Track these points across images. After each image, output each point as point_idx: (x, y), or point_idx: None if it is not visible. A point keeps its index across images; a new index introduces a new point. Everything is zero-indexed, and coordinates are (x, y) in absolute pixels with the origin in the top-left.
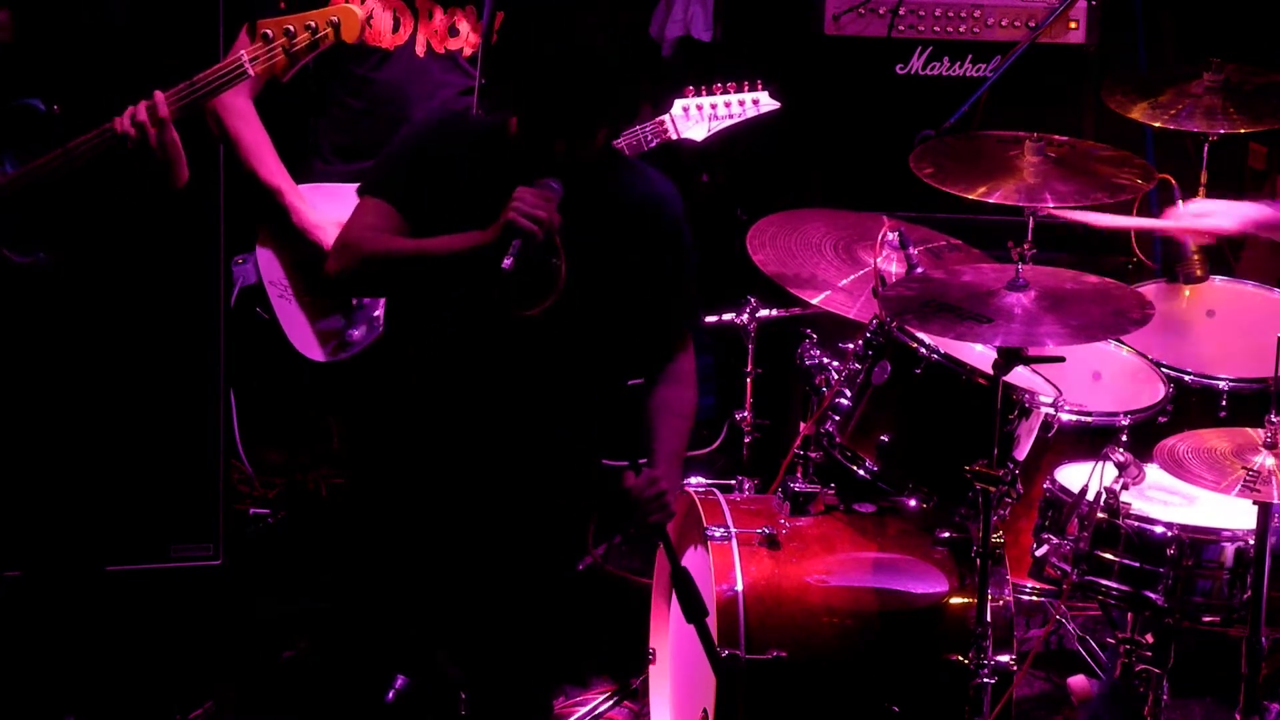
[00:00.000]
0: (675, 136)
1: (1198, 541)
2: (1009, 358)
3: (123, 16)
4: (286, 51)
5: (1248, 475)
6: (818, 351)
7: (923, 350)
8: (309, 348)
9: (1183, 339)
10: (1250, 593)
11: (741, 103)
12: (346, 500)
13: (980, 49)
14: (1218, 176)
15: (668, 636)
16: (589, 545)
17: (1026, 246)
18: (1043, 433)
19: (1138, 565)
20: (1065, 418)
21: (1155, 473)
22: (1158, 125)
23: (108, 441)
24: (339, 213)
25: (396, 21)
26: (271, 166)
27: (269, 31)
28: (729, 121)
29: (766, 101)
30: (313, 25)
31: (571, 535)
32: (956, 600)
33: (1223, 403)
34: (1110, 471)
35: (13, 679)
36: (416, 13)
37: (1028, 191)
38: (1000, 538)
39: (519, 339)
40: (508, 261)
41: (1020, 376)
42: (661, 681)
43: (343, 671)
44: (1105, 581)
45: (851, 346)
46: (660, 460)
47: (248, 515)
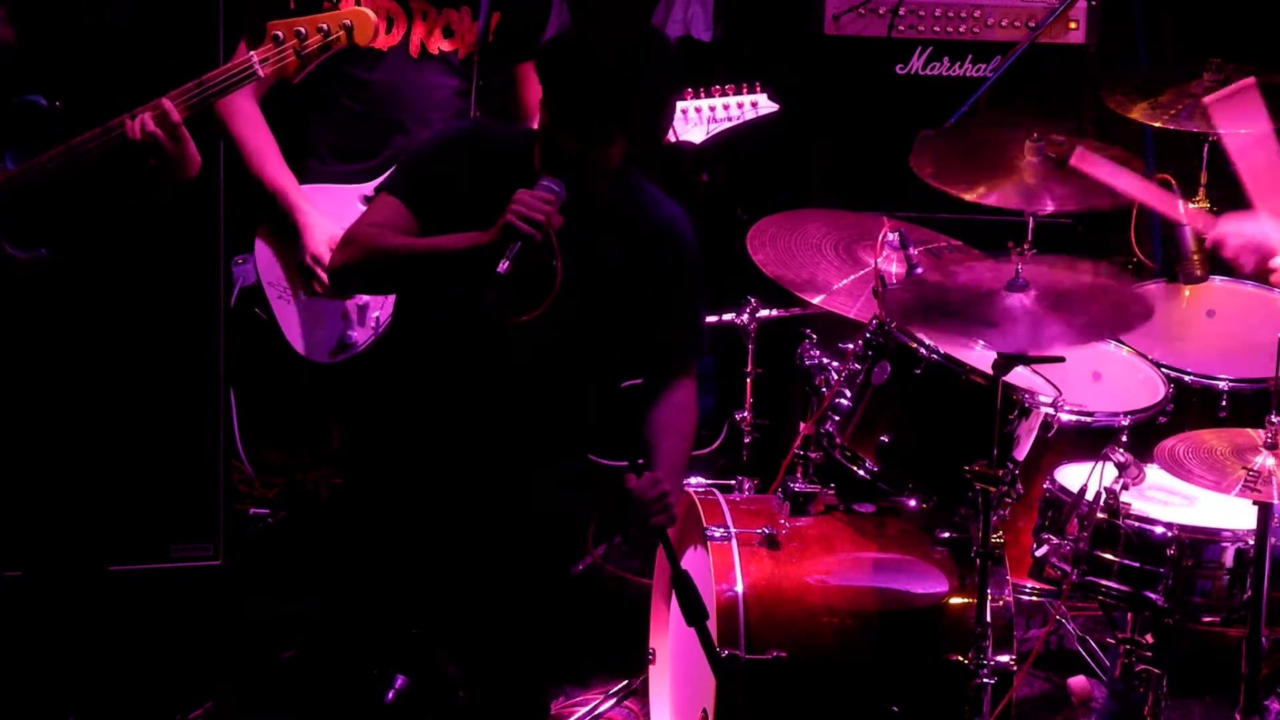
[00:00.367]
0: (674, 139)
1: (1198, 542)
2: (1009, 358)
3: (124, 14)
4: (298, 53)
5: (1248, 475)
6: (818, 351)
7: (923, 350)
8: (309, 349)
9: (1183, 339)
10: (1250, 593)
11: (740, 105)
12: (345, 499)
13: (980, 49)
14: (1218, 176)
15: (668, 636)
16: (589, 545)
17: (1026, 246)
18: (1043, 433)
19: (1138, 565)
20: (1065, 418)
21: (1155, 473)
22: (1157, 125)
23: (108, 441)
24: (340, 214)
25: (390, 22)
26: (276, 168)
27: (280, 33)
28: (728, 124)
29: (765, 104)
30: (325, 28)
31: (569, 536)
32: (956, 600)
33: (1223, 403)
34: (1110, 471)
35: (13, 679)
36: (410, 13)
37: (1026, 193)
38: (1000, 538)
39: (512, 343)
40: (503, 265)
41: (1020, 376)
42: (661, 681)
43: (342, 671)
44: (1105, 582)
45: (851, 346)
46: (660, 466)
47: (248, 515)
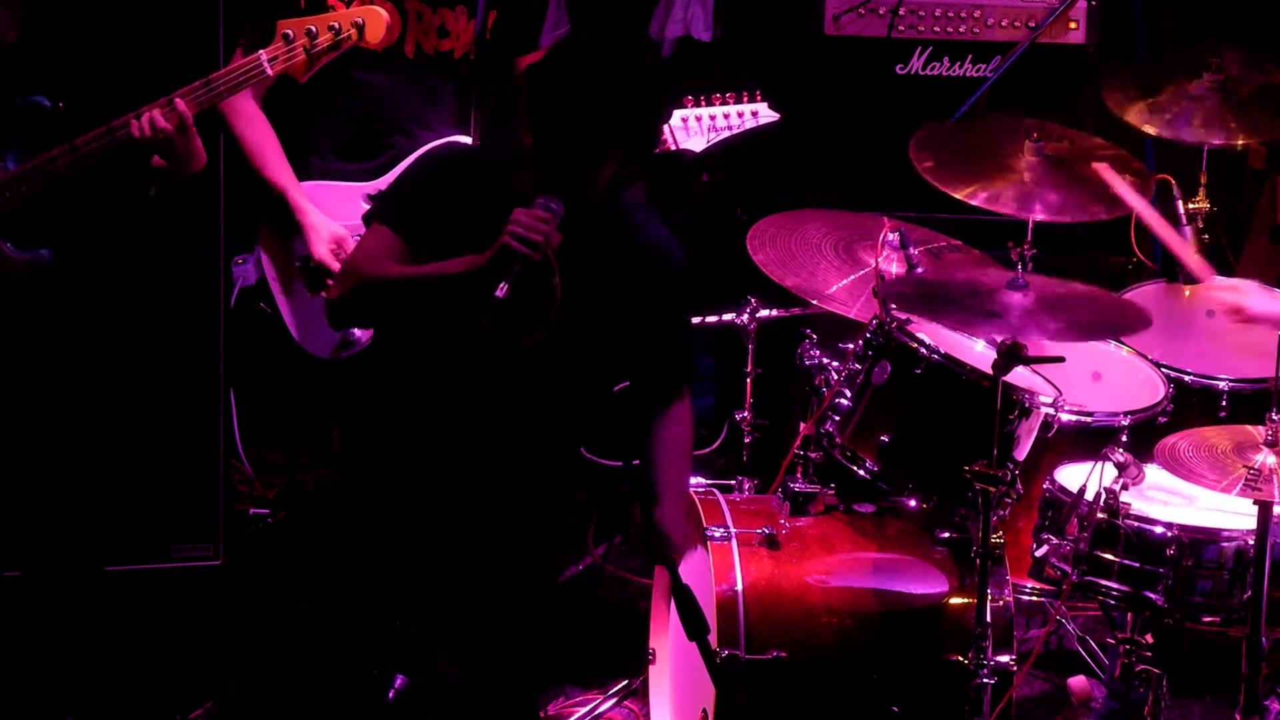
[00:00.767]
0: (674, 148)
1: (1198, 541)
2: (1009, 358)
3: (125, 15)
4: (307, 52)
5: (1248, 474)
6: (818, 351)
7: (923, 350)
8: (313, 345)
9: (1183, 339)
10: (1250, 593)
11: (740, 114)
12: (344, 499)
13: (980, 49)
14: (1217, 177)
15: (668, 636)
16: (589, 545)
17: (1026, 246)
18: (1043, 433)
19: (1138, 565)
20: (1065, 418)
21: (1155, 473)
22: (1153, 132)
23: (108, 441)
24: (343, 211)
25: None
26: (277, 167)
27: (290, 31)
28: (728, 133)
29: (766, 113)
30: (336, 26)
31: (564, 537)
32: (956, 600)
33: (1223, 403)
34: (1110, 471)
35: (13, 679)
36: (405, 14)
37: (1020, 197)
38: (1000, 538)
39: (511, 366)
40: (501, 289)
41: (1020, 376)
42: (661, 681)
43: (342, 671)
44: (1105, 582)
45: (851, 346)
46: (666, 494)
47: (248, 515)
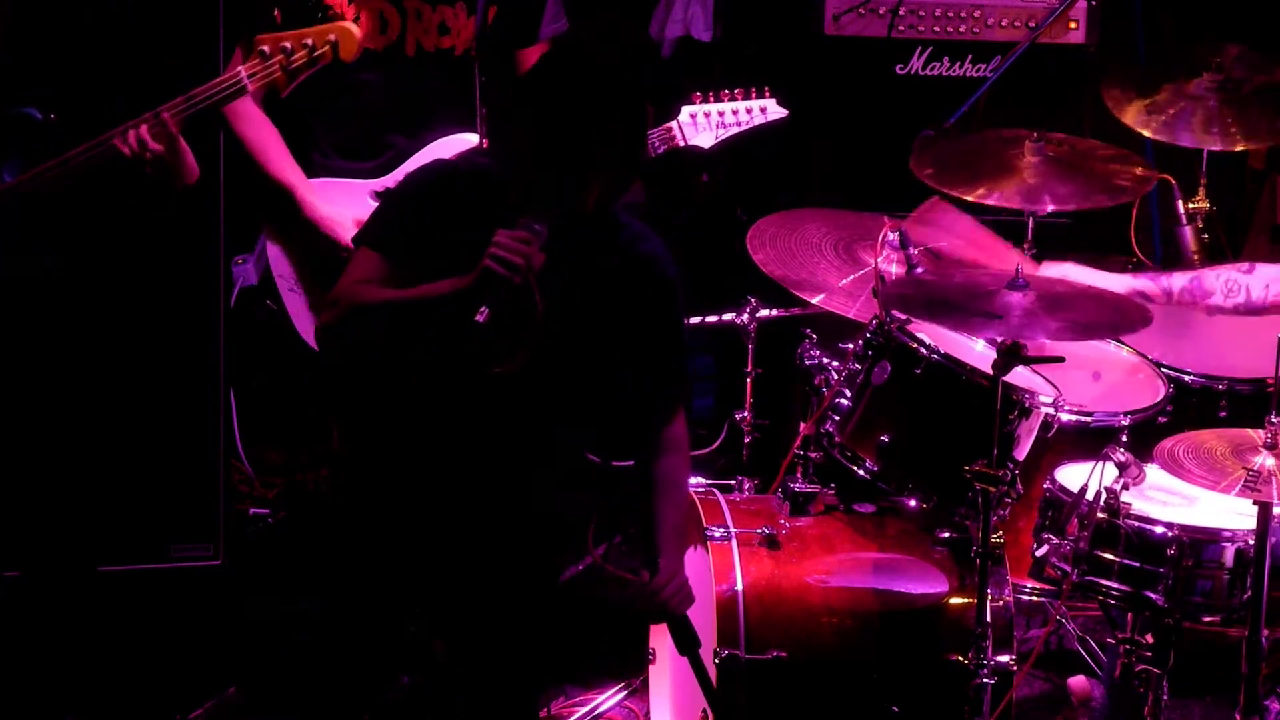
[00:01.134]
0: (683, 143)
1: (1198, 541)
2: (1009, 358)
3: (125, 15)
4: (284, 69)
5: (1248, 475)
6: (818, 351)
7: (923, 350)
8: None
9: (1183, 339)
10: (1250, 593)
11: (749, 110)
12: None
13: (980, 49)
14: (1217, 176)
15: (667, 636)
16: (589, 545)
17: (1026, 246)
18: (1043, 433)
19: (1138, 565)
20: (1065, 418)
21: (1155, 473)
22: (1150, 132)
23: (108, 441)
24: (349, 206)
25: (384, 22)
26: (281, 163)
27: (266, 48)
28: (736, 130)
29: (774, 109)
30: (310, 44)
31: (565, 538)
32: (956, 600)
33: (1222, 403)
34: (1110, 471)
35: (12, 679)
36: (405, 12)
37: (1027, 192)
38: (1000, 538)
39: (500, 383)
40: (481, 314)
41: (1020, 376)
42: (661, 681)
43: (342, 671)
44: (1105, 581)
45: (851, 346)
46: (665, 544)
47: (248, 515)
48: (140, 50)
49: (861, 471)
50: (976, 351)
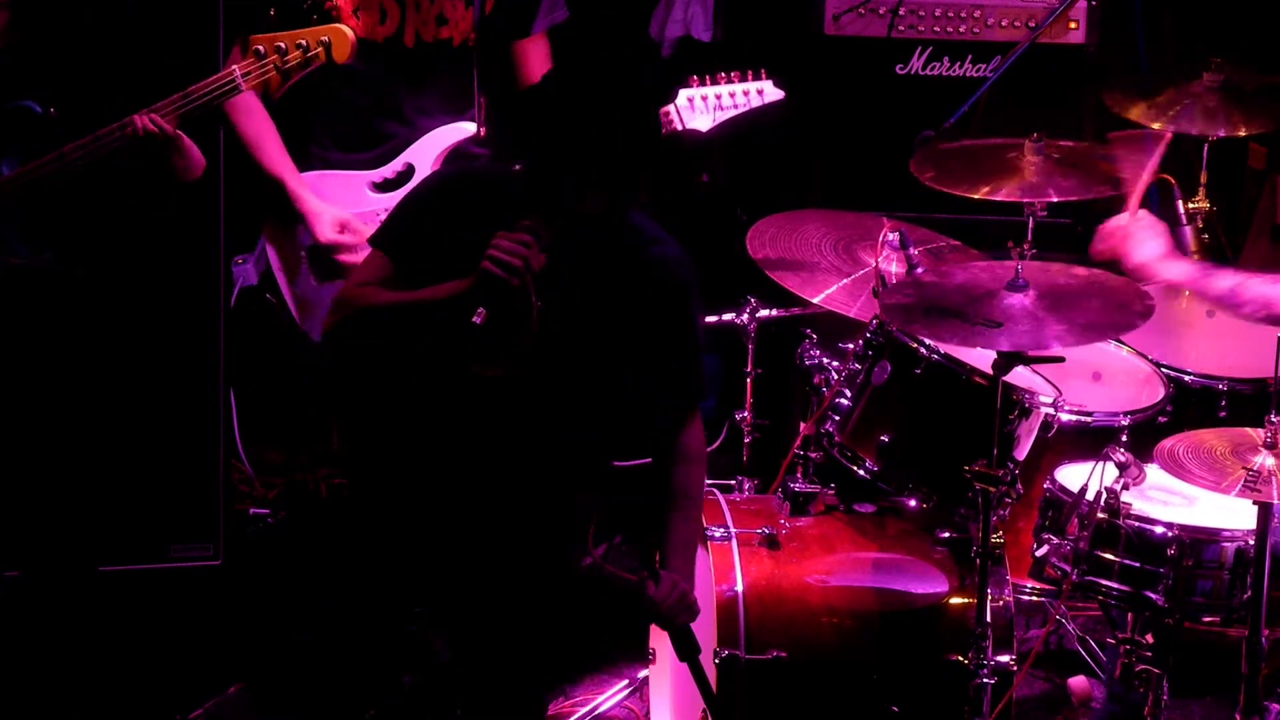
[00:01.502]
0: (680, 127)
1: (1198, 541)
2: (1009, 358)
3: (126, 14)
4: (278, 69)
5: (1248, 475)
6: (818, 351)
7: (923, 350)
8: (316, 333)
9: (1183, 339)
10: (1250, 593)
11: (746, 93)
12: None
13: (980, 49)
14: (1217, 176)
15: (667, 637)
16: (589, 545)
17: (1026, 246)
18: (1043, 433)
19: (1138, 565)
20: (1065, 418)
21: (1155, 473)
22: (1157, 126)
23: (108, 441)
24: (344, 199)
25: (383, 13)
26: (274, 157)
27: (261, 48)
28: (734, 111)
29: (771, 91)
30: (304, 44)
31: (571, 537)
32: (956, 600)
33: (1222, 403)
34: (1110, 471)
35: (11, 679)
36: (404, 3)
37: (1030, 189)
38: (1000, 538)
39: (494, 391)
40: (478, 315)
41: (1020, 376)
42: (661, 681)
43: (343, 671)
44: (1105, 581)
45: (851, 346)
46: (674, 555)
47: (248, 515)
48: (140, 49)
49: (861, 471)
50: (976, 351)
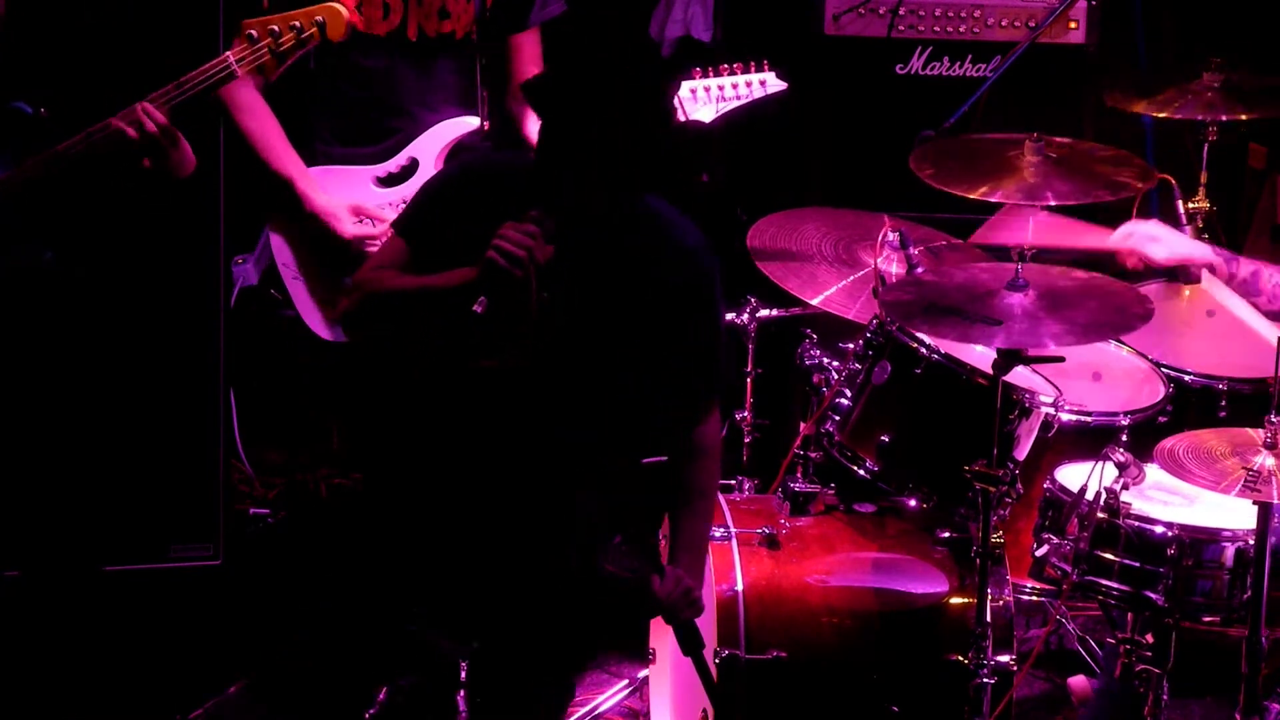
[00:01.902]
0: (683, 118)
1: (1198, 541)
2: (1009, 358)
3: (126, 13)
4: (273, 51)
5: (1248, 475)
6: (818, 351)
7: (923, 350)
8: (323, 328)
9: (1183, 339)
10: (1250, 593)
11: (749, 84)
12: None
13: (980, 49)
14: (1217, 176)
15: (667, 636)
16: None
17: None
18: (1043, 433)
19: (1138, 565)
20: (1065, 418)
21: (1155, 473)
22: (1161, 115)
23: (108, 441)
24: (347, 196)
25: (387, 8)
26: (281, 155)
27: (254, 32)
28: (737, 102)
29: (774, 82)
30: (298, 25)
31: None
32: (956, 600)
33: (1222, 403)
34: (1110, 471)
35: (11, 679)
36: None
37: (1028, 190)
38: (1000, 538)
39: (491, 391)
40: (479, 305)
41: (1020, 376)
42: (661, 681)
43: (343, 671)
44: (1105, 581)
45: (851, 346)
46: (682, 552)
47: (248, 515)
48: (140, 48)
49: (861, 471)
50: (976, 351)
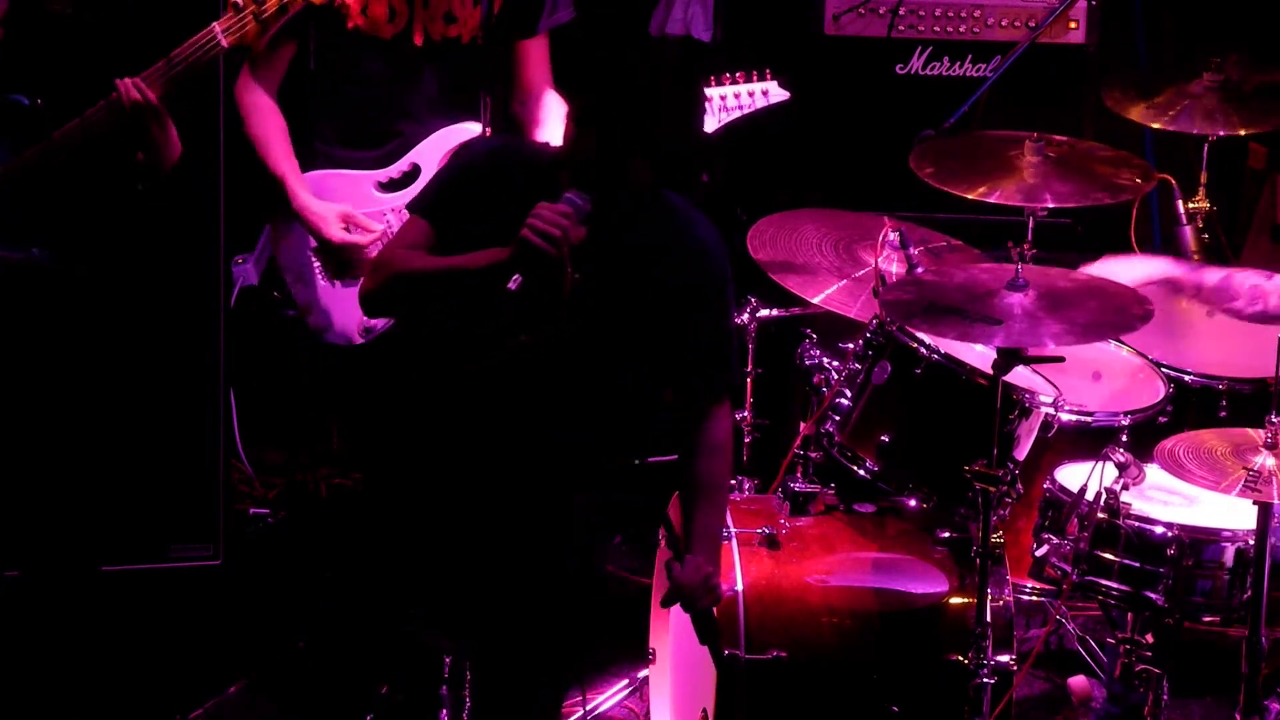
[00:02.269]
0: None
1: (1198, 541)
2: (1009, 358)
3: (124, 19)
4: (256, 18)
5: (1248, 475)
6: (818, 351)
7: (923, 350)
8: (332, 333)
9: (1183, 339)
10: (1250, 593)
11: (751, 94)
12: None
13: (980, 49)
14: (1217, 176)
15: (668, 636)
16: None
17: (1026, 246)
18: (1043, 433)
19: (1138, 565)
20: (1065, 418)
21: (1155, 473)
22: (1156, 126)
23: (107, 441)
24: (347, 198)
25: (393, 11)
26: (279, 156)
27: (239, 1)
28: (739, 113)
29: (776, 92)
30: None
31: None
32: (956, 600)
33: (1223, 403)
34: (1110, 471)
35: (11, 679)
36: (412, 1)
37: (1028, 191)
38: (1000, 538)
39: (521, 361)
40: (513, 282)
41: (1020, 376)
42: (661, 681)
43: (343, 671)
44: (1105, 581)
45: (851, 346)
46: (697, 543)
47: (248, 515)
48: (140, 47)
49: (861, 471)
50: (976, 351)
